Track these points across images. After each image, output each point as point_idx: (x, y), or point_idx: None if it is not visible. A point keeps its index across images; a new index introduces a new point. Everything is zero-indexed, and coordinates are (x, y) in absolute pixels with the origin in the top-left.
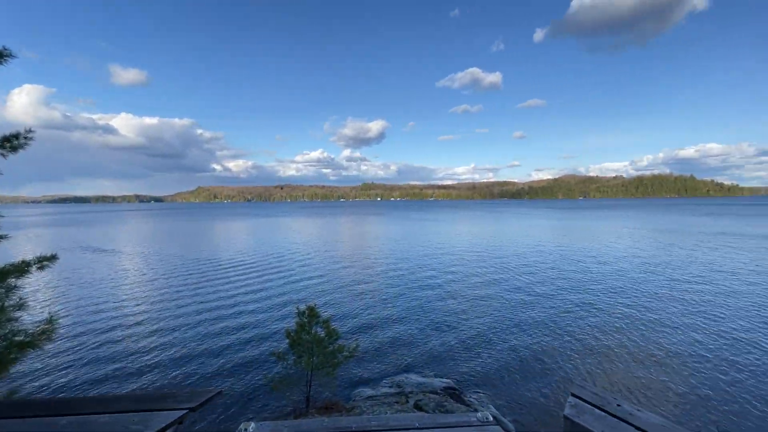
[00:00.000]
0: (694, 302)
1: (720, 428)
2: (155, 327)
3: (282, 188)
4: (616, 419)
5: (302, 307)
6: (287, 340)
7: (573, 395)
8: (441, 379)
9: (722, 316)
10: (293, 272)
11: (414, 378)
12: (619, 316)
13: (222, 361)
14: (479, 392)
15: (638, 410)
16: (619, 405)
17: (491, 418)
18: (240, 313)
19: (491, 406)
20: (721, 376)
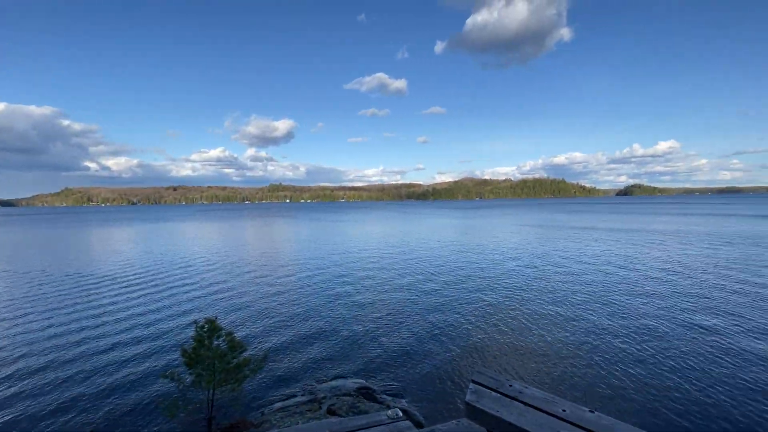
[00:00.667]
0: (567, 286)
1: (586, 396)
2: (11, 368)
3: (175, 189)
4: (508, 398)
5: (201, 320)
6: (183, 359)
7: (473, 382)
8: (354, 380)
9: (592, 298)
10: (191, 286)
11: (327, 383)
12: (512, 303)
13: (104, 393)
14: (392, 387)
15: (525, 387)
16: (511, 385)
17: (401, 414)
18: (122, 343)
19: (403, 401)
20: (591, 354)
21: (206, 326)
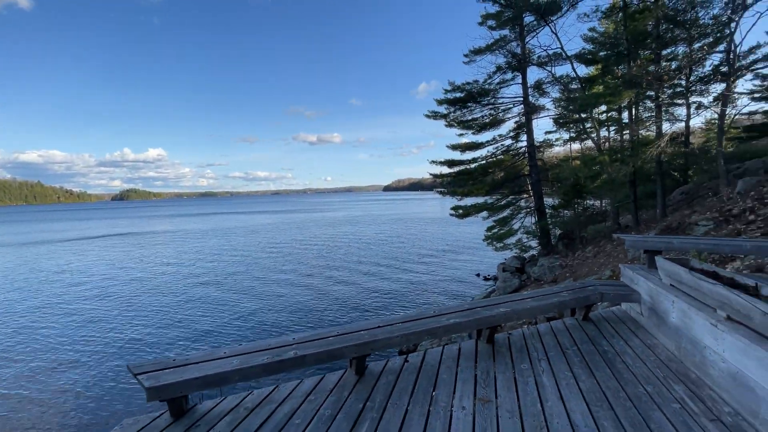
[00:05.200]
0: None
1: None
2: None
3: None
4: (182, 367)
5: None
6: None
7: (138, 374)
8: None
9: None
10: None
11: None
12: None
13: None
14: None
15: (187, 355)
16: (174, 360)
17: None
18: None
19: None
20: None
21: None
